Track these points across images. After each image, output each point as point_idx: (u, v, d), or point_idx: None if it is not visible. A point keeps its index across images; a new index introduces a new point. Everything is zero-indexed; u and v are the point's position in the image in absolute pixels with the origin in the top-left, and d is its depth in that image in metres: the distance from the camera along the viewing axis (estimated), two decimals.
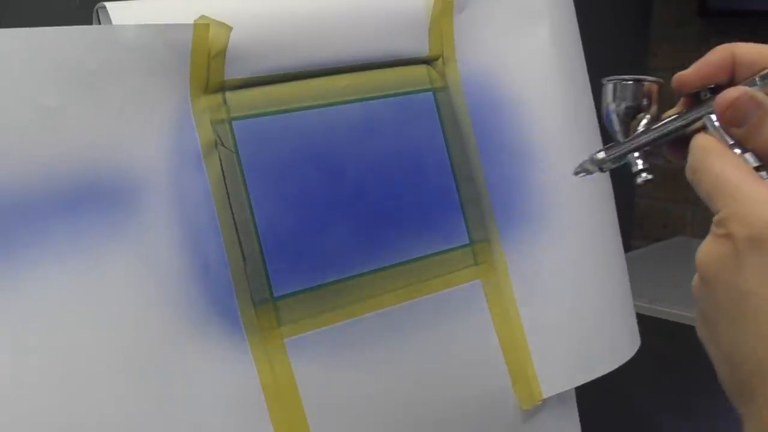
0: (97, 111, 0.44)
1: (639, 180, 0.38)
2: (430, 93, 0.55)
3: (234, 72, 0.48)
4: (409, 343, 0.52)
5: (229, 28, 0.47)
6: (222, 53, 0.47)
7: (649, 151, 0.39)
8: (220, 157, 0.48)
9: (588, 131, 0.60)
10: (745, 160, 0.34)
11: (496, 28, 0.57)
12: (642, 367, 0.59)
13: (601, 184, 0.60)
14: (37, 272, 0.41)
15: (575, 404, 0.59)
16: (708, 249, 0.33)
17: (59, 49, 0.42)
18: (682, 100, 0.39)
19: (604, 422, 0.62)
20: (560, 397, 0.57)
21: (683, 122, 0.37)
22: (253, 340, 0.47)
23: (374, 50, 0.53)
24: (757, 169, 0.34)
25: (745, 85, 0.35)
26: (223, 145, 0.48)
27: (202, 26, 0.46)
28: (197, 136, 0.47)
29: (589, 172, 0.42)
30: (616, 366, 0.58)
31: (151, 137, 0.46)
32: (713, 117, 0.35)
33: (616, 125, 0.39)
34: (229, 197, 0.48)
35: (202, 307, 0.46)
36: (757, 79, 0.35)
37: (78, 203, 0.43)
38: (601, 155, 0.40)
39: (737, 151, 0.34)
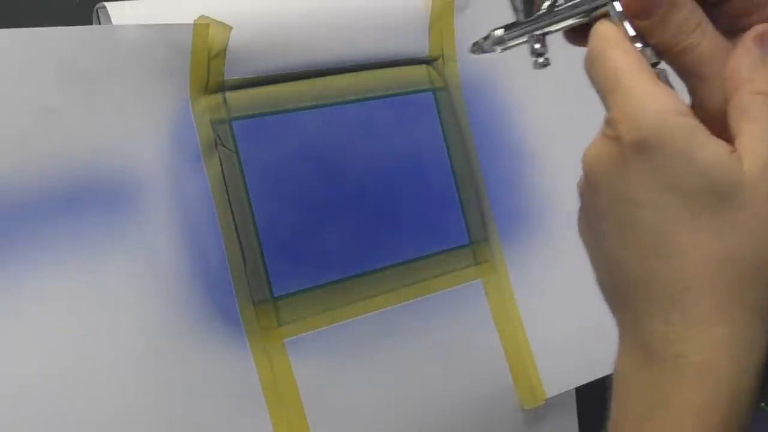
0: (97, 111, 0.44)
1: (535, 65, 0.36)
2: (430, 93, 0.55)
3: (234, 72, 0.48)
4: (410, 343, 0.52)
5: (229, 28, 0.47)
6: (222, 53, 0.47)
7: (549, 34, 0.36)
8: (220, 157, 0.48)
9: (587, 131, 0.60)
10: (645, 56, 0.31)
11: None
12: None
13: None
14: (37, 272, 0.41)
15: (574, 403, 0.59)
16: (595, 150, 0.31)
17: (59, 49, 0.42)
18: None
19: (604, 422, 0.62)
20: (560, 397, 0.57)
21: (586, 7, 0.34)
22: (253, 340, 0.47)
23: (374, 50, 0.53)
24: (654, 65, 0.31)
25: None
26: (223, 145, 0.48)
27: (202, 26, 0.46)
28: (197, 136, 0.47)
29: (485, 51, 0.40)
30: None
31: (151, 137, 0.46)
32: (617, 5, 0.32)
33: (519, 3, 0.37)
34: (229, 197, 0.48)
35: (202, 307, 0.46)
36: None
37: (78, 203, 0.43)
38: (500, 32, 0.38)
39: (638, 45, 0.31)
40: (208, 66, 0.47)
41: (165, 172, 0.46)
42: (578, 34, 0.35)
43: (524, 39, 0.37)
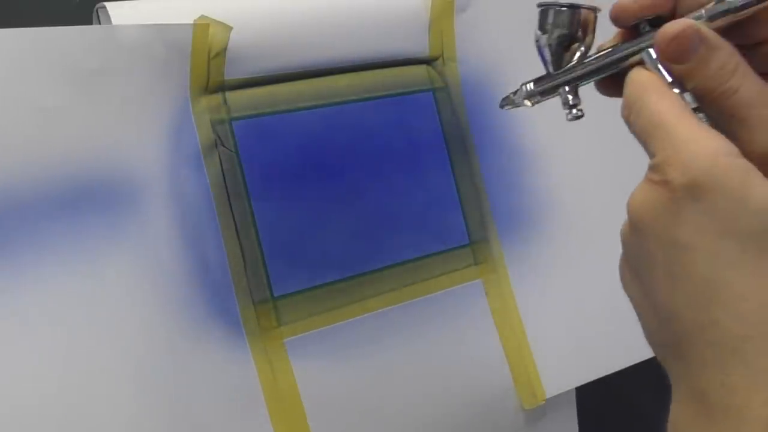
0: (97, 111, 0.44)
1: (569, 117, 0.36)
2: (430, 93, 0.55)
3: (234, 72, 0.48)
4: (410, 344, 0.52)
5: (229, 28, 0.47)
6: (222, 53, 0.47)
7: (581, 85, 0.36)
8: (220, 157, 0.48)
9: (587, 131, 0.60)
10: (684, 100, 0.31)
11: (497, 29, 0.57)
12: (642, 368, 0.59)
13: (602, 182, 0.60)
14: (37, 272, 0.41)
15: (574, 403, 0.59)
16: (642, 195, 0.30)
17: (59, 49, 0.42)
18: (618, 32, 0.35)
19: (604, 422, 0.62)
20: (560, 397, 0.57)
21: (619, 55, 0.34)
22: (253, 340, 0.47)
23: (374, 50, 0.53)
24: (695, 110, 0.31)
25: (691, 18, 0.32)
26: (223, 145, 0.48)
27: (202, 26, 0.46)
28: (197, 136, 0.47)
29: (516, 105, 0.39)
30: (620, 367, 0.58)
31: (151, 137, 0.46)
32: (652, 51, 0.32)
33: (548, 55, 0.36)
34: (229, 197, 0.48)
35: (202, 307, 0.46)
36: (703, 12, 0.31)
37: (78, 203, 0.43)
38: (530, 87, 0.37)
39: (676, 90, 0.31)
40: (208, 66, 0.47)
41: (165, 172, 0.46)
42: (611, 85, 0.35)
43: (556, 92, 0.36)
